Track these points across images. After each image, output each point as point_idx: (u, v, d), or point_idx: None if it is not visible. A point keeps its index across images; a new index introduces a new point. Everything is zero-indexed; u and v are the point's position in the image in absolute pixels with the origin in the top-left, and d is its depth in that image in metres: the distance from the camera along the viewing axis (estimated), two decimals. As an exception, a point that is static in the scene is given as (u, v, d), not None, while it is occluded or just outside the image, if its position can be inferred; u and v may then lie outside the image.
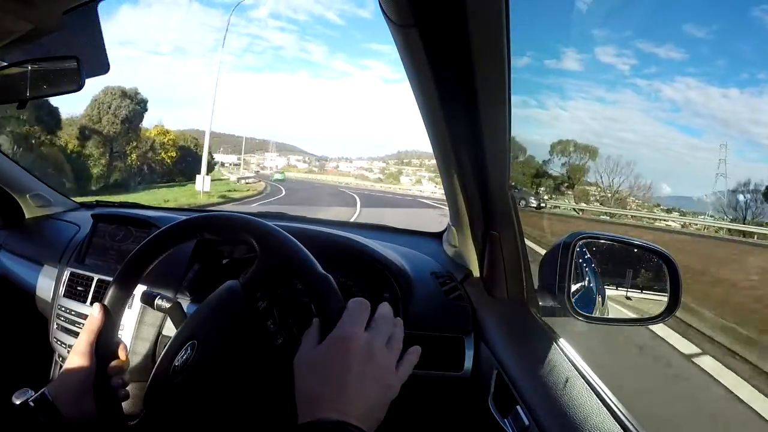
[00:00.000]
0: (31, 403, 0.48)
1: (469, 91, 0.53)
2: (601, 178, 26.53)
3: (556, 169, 27.04)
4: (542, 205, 19.51)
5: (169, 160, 20.01)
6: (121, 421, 0.52)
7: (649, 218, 21.70)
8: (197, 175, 14.76)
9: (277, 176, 34.45)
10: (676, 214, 24.34)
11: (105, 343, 0.53)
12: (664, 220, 21.21)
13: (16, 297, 1.21)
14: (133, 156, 17.93)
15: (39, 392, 0.49)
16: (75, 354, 0.52)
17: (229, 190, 18.13)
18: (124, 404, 0.54)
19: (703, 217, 22.37)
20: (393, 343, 0.45)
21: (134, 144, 17.85)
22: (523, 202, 17.58)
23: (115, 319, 0.55)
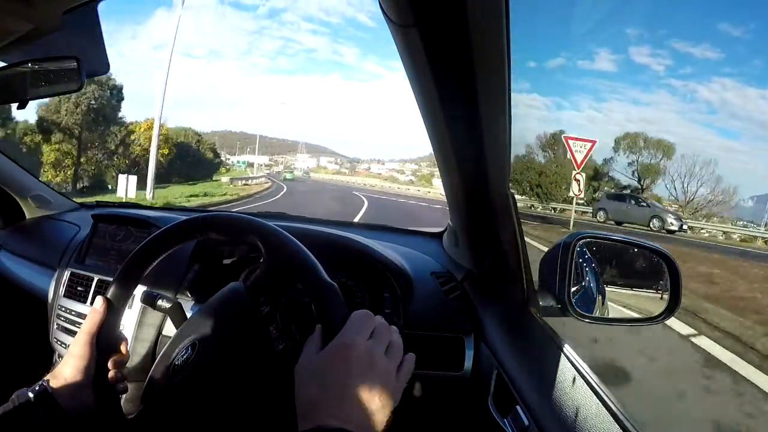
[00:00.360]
0: (30, 396, 0.48)
1: (469, 91, 0.52)
2: (673, 182, 20.15)
3: (618, 169, 21.22)
4: (684, 227, 13.59)
5: (161, 159, 16.81)
6: (119, 415, 0.53)
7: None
8: (120, 176, 11.10)
9: (287, 176, 33.80)
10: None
11: (106, 337, 0.52)
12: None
13: (16, 297, 1.21)
14: (98, 153, 15.08)
15: (38, 384, 0.49)
16: (76, 347, 0.52)
17: (192, 195, 13.67)
18: (123, 404, 0.55)
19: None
20: (393, 351, 0.46)
21: (109, 139, 15.23)
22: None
23: (117, 314, 0.55)
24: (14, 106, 0.86)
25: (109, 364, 0.53)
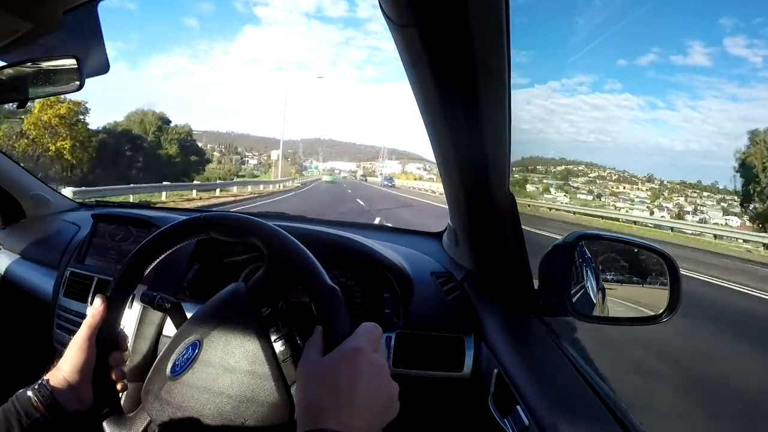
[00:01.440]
0: (30, 395, 0.48)
1: (469, 91, 0.53)
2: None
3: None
4: None
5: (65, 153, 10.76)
6: (118, 412, 0.52)
7: None
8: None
9: (326, 178, 31.98)
10: None
11: (106, 335, 0.52)
12: None
13: (17, 297, 1.21)
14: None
15: (38, 383, 0.49)
16: (75, 344, 0.51)
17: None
18: (123, 404, 0.55)
19: None
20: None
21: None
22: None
23: (117, 313, 0.54)
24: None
25: (110, 362, 0.53)
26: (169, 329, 0.87)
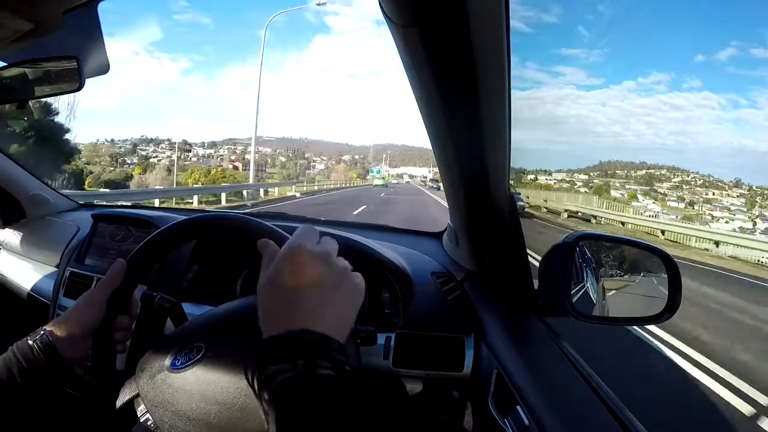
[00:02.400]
0: (30, 342, 0.49)
1: (470, 91, 0.53)
2: None
3: None
4: None
5: None
6: (112, 371, 0.53)
7: None
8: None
9: (377, 182, 29.99)
10: None
11: (119, 297, 0.53)
12: None
13: (17, 297, 1.21)
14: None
15: (38, 332, 0.50)
16: (86, 301, 0.52)
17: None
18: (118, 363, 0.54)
19: None
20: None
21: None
22: None
23: (134, 280, 0.54)
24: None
25: (116, 324, 0.53)
26: (169, 330, 0.87)
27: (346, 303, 0.40)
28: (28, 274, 1.20)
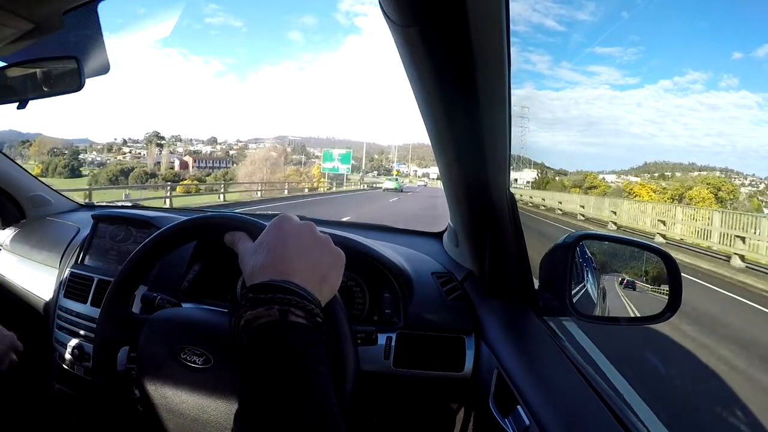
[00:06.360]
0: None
1: (470, 91, 0.52)
2: None
3: None
4: None
5: None
6: (113, 373, 0.54)
7: None
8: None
9: (388, 185, 28.84)
10: None
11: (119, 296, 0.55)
12: None
13: (17, 297, 1.21)
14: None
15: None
16: None
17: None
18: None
19: None
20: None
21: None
22: None
23: (137, 281, 0.57)
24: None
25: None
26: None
27: (327, 264, 0.43)
28: (28, 274, 1.20)
